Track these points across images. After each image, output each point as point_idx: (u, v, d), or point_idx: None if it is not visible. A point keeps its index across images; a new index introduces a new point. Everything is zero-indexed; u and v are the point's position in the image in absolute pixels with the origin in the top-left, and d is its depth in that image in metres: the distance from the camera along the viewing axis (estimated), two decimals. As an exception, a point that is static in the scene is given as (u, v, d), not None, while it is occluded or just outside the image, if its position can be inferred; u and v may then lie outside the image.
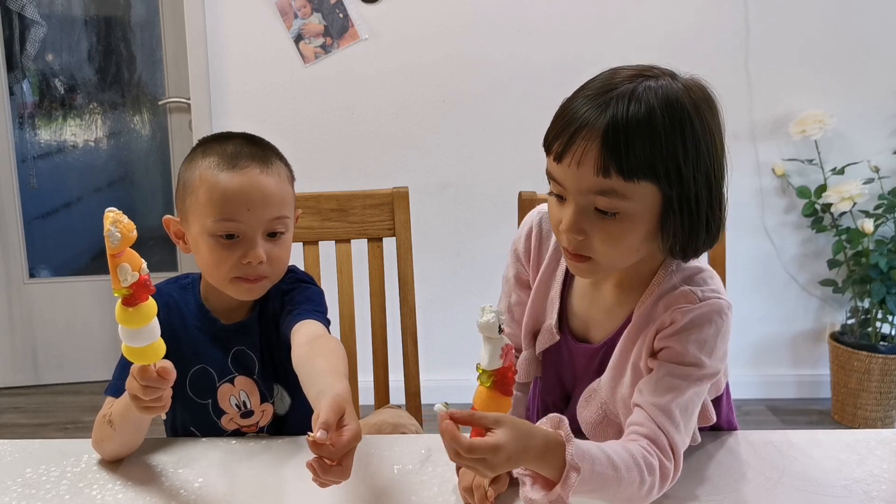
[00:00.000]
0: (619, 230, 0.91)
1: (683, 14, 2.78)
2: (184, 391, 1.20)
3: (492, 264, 2.91)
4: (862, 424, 2.77)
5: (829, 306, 3.00)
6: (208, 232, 1.12)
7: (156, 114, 3.18)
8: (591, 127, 0.87)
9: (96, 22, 3.13)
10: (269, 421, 1.24)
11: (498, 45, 2.82)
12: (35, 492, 1.03)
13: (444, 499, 1.01)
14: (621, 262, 0.96)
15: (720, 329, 0.96)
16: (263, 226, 1.12)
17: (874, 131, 2.85)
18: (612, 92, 0.89)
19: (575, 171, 0.89)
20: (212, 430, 1.23)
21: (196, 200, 1.12)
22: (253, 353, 1.22)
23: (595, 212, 0.91)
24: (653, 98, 0.88)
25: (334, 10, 2.78)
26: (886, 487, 1.02)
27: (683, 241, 0.93)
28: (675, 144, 0.87)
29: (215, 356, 1.21)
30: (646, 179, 0.88)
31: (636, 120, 0.86)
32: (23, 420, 2.95)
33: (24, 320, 3.21)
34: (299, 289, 1.23)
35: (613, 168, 0.87)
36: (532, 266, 1.12)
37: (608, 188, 0.88)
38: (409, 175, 2.85)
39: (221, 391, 1.21)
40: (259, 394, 1.23)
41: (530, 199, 1.49)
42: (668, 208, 0.90)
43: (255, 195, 1.11)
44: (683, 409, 0.94)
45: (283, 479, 1.06)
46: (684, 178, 0.89)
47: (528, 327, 1.13)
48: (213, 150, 1.15)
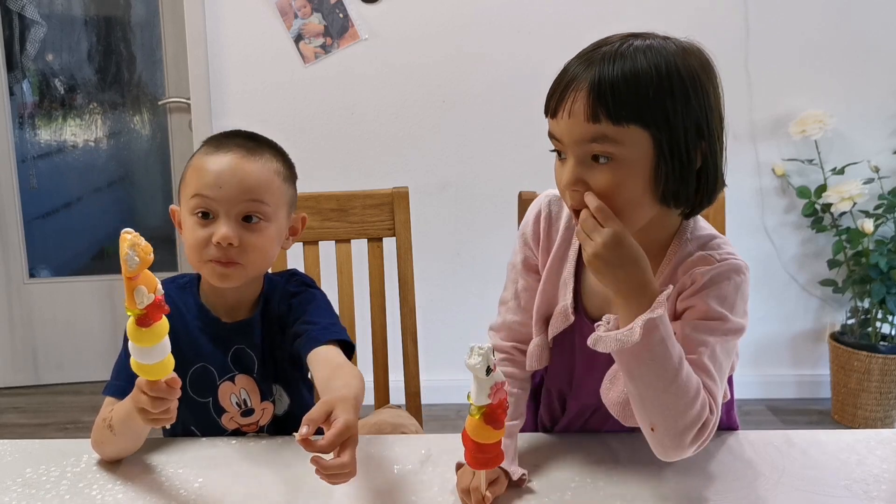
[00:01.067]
0: (617, 177, 0.92)
1: (683, 14, 2.78)
2: (184, 390, 1.19)
3: (492, 264, 2.91)
4: (862, 424, 2.77)
5: (829, 306, 3.00)
6: (189, 210, 1.14)
7: (156, 114, 3.18)
8: (579, 79, 0.92)
9: (96, 22, 3.13)
10: (269, 420, 1.24)
11: (498, 45, 2.82)
12: (35, 492, 1.03)
13: (443, 499, 1.01)
14: (627, 219, 0.93)
15: (739, 286, 0.98)
16: (236, 207, 1.12)
17: (874, 131, 2.85)
18: (600, 49, 0.94)
19: (568, 121, 0.92)
20: (212, 429, 1.23)
21: (184, 183, 1.17)
22: (253, 353, 1.22)
23: (591, 161, 0.93)
24: (639, 51, 0.92)
25: (334, 10, 2.79)
26: (886, 487, 1.02)
27: (675, 187, 0.94)
28: (662, 91, 0.90)
29: (216, 355, 1.21)
30: (634, 124, 0.90)
31: (621, 69, 0.90)
32: (23, 420, 2.95)
33: (24, 320, 3.21)
34: (306, 293, 1.23)
35: (602, 113, 0.90)
36: (542, 250, 1.12)
37: (599, 134, 0.91)
38: (409, 175, 2.85)
39: (222, 389, 1.22)
40: (259, 392, 1.23)
41: (530, 199, 1.48)
42: (659, 154, 0.92)
43: (228, 174, 1.12)
44: (716, 360, 0.96)
45: (284, 479, 1.06)
46: (672, 124, 0.91)
47: (539, 312, 1.12)
48: (210, 141, 1.19)
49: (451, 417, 2.75)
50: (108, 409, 1.12)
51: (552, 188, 1.09)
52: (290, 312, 1.21)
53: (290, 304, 1.22)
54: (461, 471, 1.01)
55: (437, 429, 1.23)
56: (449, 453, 1.12)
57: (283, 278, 1.27)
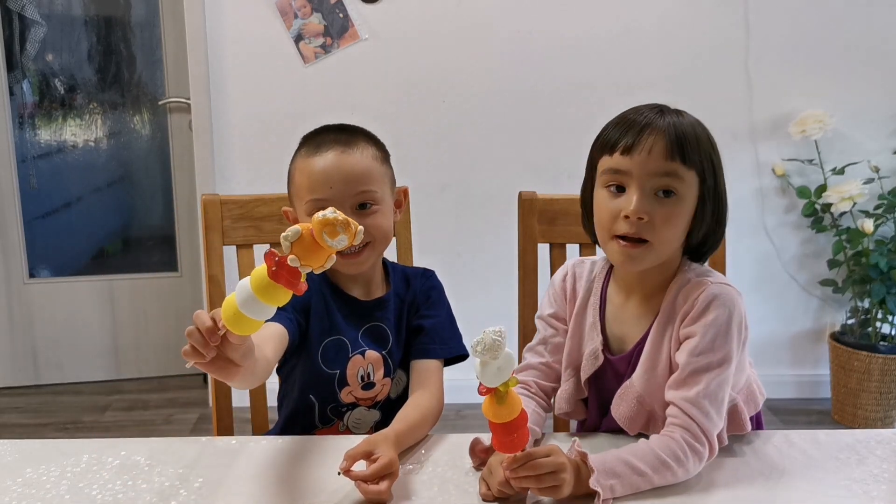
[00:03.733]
0: (675, 211, 1.08)
1: (683, 14, 2.78)
2: (314, 361, 1.27)
3: (492, 264, 2.91)
4: (862, 424, 2.77)
5: (829, 306, 3.00)
6: (306, 212, 1.22)
7: (156, 114, 3.18)
8: (654, 126, 1.08)
9: (96, 22, 3.13)
10: (385, 396, 1.31)
11: (498, 46, 2.82)
12: (35, 492, 1.03)
13: (443, 499, 1.01)
14: (669, 246, 1.11)
15: (732, 313, 1.09)
16: (349, 200, 1.21)
17: (874, 131, 2.85)
18: (657, 108, 1.11)
19: (646, 158, 1.07)
20: (330, 399, 1.29)
21: (294, 188, 1.26)
22: (388, 328, 1.30)
23: (655, 197, 1.08)
24: (683, 115, 1.12)
25: (334, 10, 2.79)
26: (886, 487, 1.03)
27: (708, 229, 1.12)
28: (709, 147, 1.11)
29: (349, 329, 1.29)
30: (694, 168, 1.08)
31: (686, 122, 1.10)
32: (23, 420, 2.95)
33: (24, 320, 3.21)
34: (436, 292, 1.37)
35: (678, 154, 1.07)
36: (569, 301, 1.26)
37: (673, 170, 1.07)
38: (409, 175, 2.84)
39: (352, 363, 1.28)
40: (384, 368, 1.30)
41: (530, 199, 1.49)
42: (704, 197, 1.10)
43: (335, 174, 1.21)
44: (712, 396, 1.06)
45: (284, 479, 1.07)
46: (717, 174, 1.11)
47: (569, 358, 1.23)
48: (307, 141, 1.27)
49: (450, 417, 2.74)
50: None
51: (552, 188, 1.16)
52: (427, 303, 1.34)
53: (428, 295, 1.36)
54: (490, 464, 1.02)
55: (437, 429, 1.24)
56: (449, 453, 1.12)
57: (418, 271, 1.39)
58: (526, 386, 1.23)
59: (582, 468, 0.99)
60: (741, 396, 1.16)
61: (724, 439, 1.11)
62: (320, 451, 1.14)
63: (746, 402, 1.17)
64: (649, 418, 1.14)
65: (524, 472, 0.95)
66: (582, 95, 2.79)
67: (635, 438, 1.12)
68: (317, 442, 1.18)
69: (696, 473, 1.05)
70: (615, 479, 0.99)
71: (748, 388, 1.18)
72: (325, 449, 1.14)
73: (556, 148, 2.79)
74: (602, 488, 0.97)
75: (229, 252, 1.49)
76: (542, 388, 1.25)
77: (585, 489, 0.98)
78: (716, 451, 1.06)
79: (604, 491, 0.97)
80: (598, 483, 0.97)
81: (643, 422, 1.15)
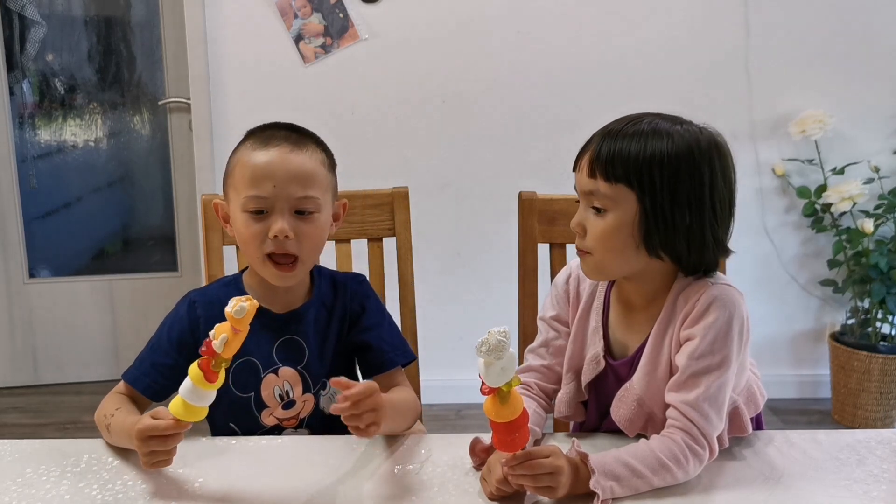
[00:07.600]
0: (606, 227, 1.09)
1: (684, 14, 2.78)
2: (226, 387, 1.19)
3: (492, 264, 2.91)
4: (862, 424, 2.77)
5: (829, 306, 3.00)
6: (241, 207, 1.17)
7: (156, 114, 3.18)
8: (592, 143, 1.11)
9: (96, 22, 3.13)
10: (309, 412, 1.25)
11: (498, 45, 2.82)
12: (35, 492, 1.03)
13: (443, 499, 1.01)
14: (614, 261, 1.11)
15: (732, 314, 1.08)
16: (290, 202, 1.16)
17: (874, 131, 2.85)
18: (619, 121, 1.11)
19: (580, 175, 1.11)
20: (252, 426, 1.24)
21: (232, 179, 1.20)
22: (303, 341, 1.24)
23: (591, 210, 1.10)
24: (646, 126, 1.08)
25: (334, 10, 2.79)
26: (886, 487, 1.03)
27: (661, 242, 1.08)
28: (653, 163, 1.06)
29: (261, 347, 1.22)
30: (623, 183, 1.07)
31: (622, 141, 1.08)
32: (23, 420, 2.95)
33: (24, 320, 3.21)
34: (378, 302, 1.31)
35: (599, 171, 1.08)
36: (572, 304, 1.26)
37: (595, 188, 1.09)
38: (409, 175, 2.84)
39: (265, 382, 1.23)
40: (302, 384, 1.24)
41: (530, 199, 1.49)
42: (644, 214, 1.07)
43: (281, 171, 1.16)
44: (711, 399, 1.06)
45: (284, 479, 1.07)
46: (658, 189, 1.06)
47: (570, 362, 1.23)
48: (253, 135, 1.22)
49: (450, 417, 2.75)
50: (113, 404, 1.15)
51: (552, 188, 1.18)
52: (365, 315, 1.28)
53: (363, 305, 1.28)
54: (490, 463, 1.02)
55: (437, 429, 1.24)
56: (449, 453, 1.12)
57: (348, 276, 1.32)
58: (527, 387, 1.23)
59: (581, 469, 0.99)
60: (742, 398, 1.16)
61: (725, 441, 1.11)
62: (320, 451, 1.14)
63: (747, 404, 1.17)
64: (648, 420, 1.14)
65: (522, 470, 0.96)
66: (582, 95, 2.79)
67: (635, 439, 1.12)
68: (317, 442, 1.18)
69: (696, 475, 1.05)
70: (615, 480, 1.00)
71: (748, 390, 1.18)
72: (326, 449, 1.14)
73: (556, 148, 2.78)
74: (602, 490, 0.98)
75: (229, 252, 1.49)
76: (542, 389, 1.25)
77: (585, 489, 0.98)
78: (716, 453, 1.07)
79: (603, 492, 0.98)
80: (597, 484, 0.98)
81: (642, 424, 1.15)
